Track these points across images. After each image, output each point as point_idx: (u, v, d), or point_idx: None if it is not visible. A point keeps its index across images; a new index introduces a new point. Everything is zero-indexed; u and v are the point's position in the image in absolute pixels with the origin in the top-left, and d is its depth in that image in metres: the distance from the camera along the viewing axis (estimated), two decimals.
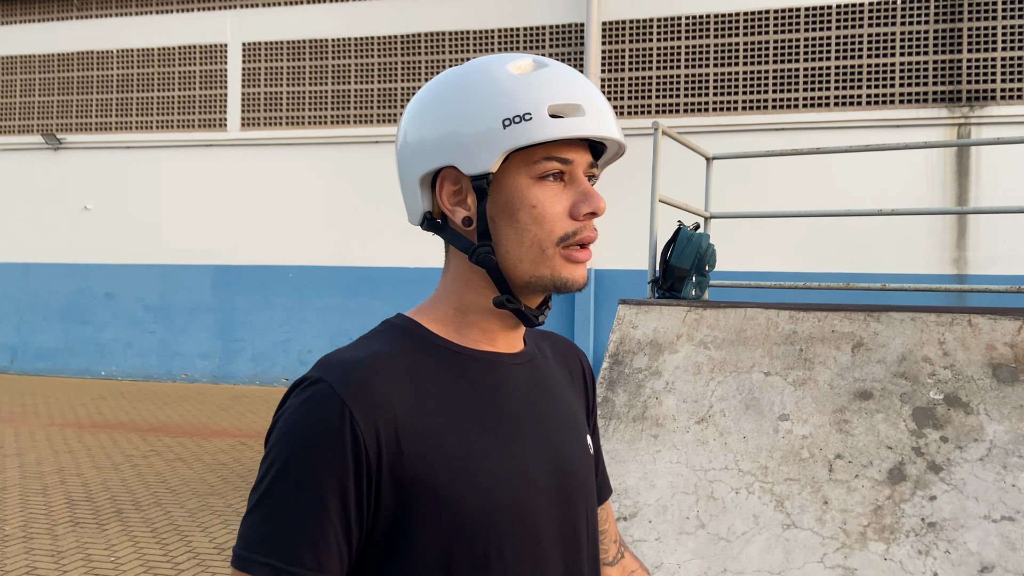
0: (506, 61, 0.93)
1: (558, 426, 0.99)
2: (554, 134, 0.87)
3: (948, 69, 8.88)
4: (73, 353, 11.95)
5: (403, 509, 0.85)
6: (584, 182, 0.93)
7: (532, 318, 0.96)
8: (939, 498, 3.12)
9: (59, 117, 12.17)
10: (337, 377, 0.85)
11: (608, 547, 1.17)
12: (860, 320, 3.72)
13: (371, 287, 10.73)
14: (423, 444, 0.86)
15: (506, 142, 0.88)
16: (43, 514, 5.16)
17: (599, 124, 0.90)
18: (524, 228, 0.91)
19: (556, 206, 0.91)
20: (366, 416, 0.83)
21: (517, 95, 0.89)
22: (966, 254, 8.81)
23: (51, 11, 12.30)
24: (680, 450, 3.62)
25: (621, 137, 0.93)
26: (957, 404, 3.35)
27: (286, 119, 11.23)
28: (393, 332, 0.94)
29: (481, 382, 0.93)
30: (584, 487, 1.00)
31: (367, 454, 0.83)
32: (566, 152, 0.91)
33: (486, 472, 0.88)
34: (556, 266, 0.92)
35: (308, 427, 0.83)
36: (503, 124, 0.88)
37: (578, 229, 0.92)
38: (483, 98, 0.90)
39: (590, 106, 0.90)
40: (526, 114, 0.88)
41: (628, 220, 9.58)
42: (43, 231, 12.12)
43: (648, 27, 9.87)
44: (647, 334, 4.11)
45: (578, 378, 1.12)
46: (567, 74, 0.92)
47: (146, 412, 9.06)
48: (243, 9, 11.45)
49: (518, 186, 0.91)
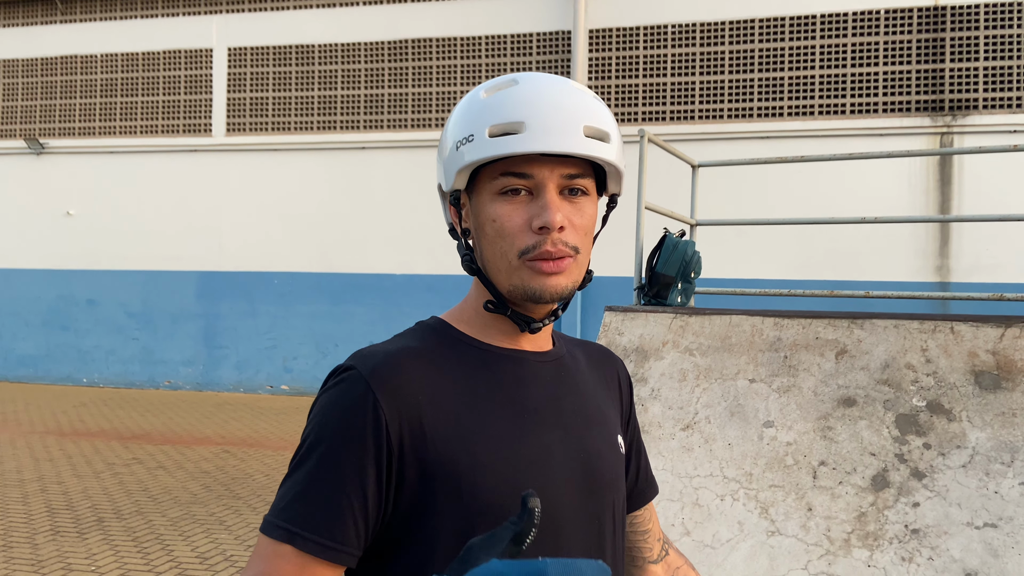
0: (487, 84, 0.99)
1: (584, 422, 1.01)
2: (489, 153, 0.92)
3: (931, 78, 8.97)
4: (55, 360, 11.83)
5: (425, 491, 0.90)
6: (546, 195, 0.93)
7: (522, 323, 0.99)
8: (922, 505, 3.13)
9: (42, 121, 12.07)
10: (366, 365, 0.92)
11: (652, 545, 1.20)
12: (844, 327, 3.73)
13: (357, 294, 10.69)
14: (445, 429, 0.91)
15: (457, 163, 0.96)
16: (23, 522, 5.10)
17: (542, 140, 0.91)
18: (491, 241, 0.96)
19: (515, 219, 0.94)
20: (389, 401, 0.89)
21: (468, 118, 0.96)
22: (949, 262, 8.88)
23: (35, 15, 12.21)
24: (665, 457, 3.62)
25: (572, 150, 0.92)
26: (940, 411, 3.37)
27: (272, 125, 11.19)
28: (423, 330, 1.01)
29: (504, 375, 0.98)
30: (610, 484, 1.02)
31: (389, 436, 0.88)
32: (524, 167, 0.93)
33: (506, 457, 0.92)
34: (524, 277, 0.95)
35: (335, 408, 0.91)
36: (456, 146, 0.96)
37: (537, 243, 0.93)
38: (452, 123, 0.99)
39: (536, 122, 0.91)
40: (469, 136, 0.94)
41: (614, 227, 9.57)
42: (25, 236, 12.00)
43: (635, 35, 9.91)
44: (633, 341, 4.11)
45: (613, 384, 1.14)
46: (525, 92, 0.94)
47: (128, 420, 8.97)
48: (229, 14, 11.41)
49: (482, 202, 0.96)
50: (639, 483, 1.19)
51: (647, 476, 1.21)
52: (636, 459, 1.18)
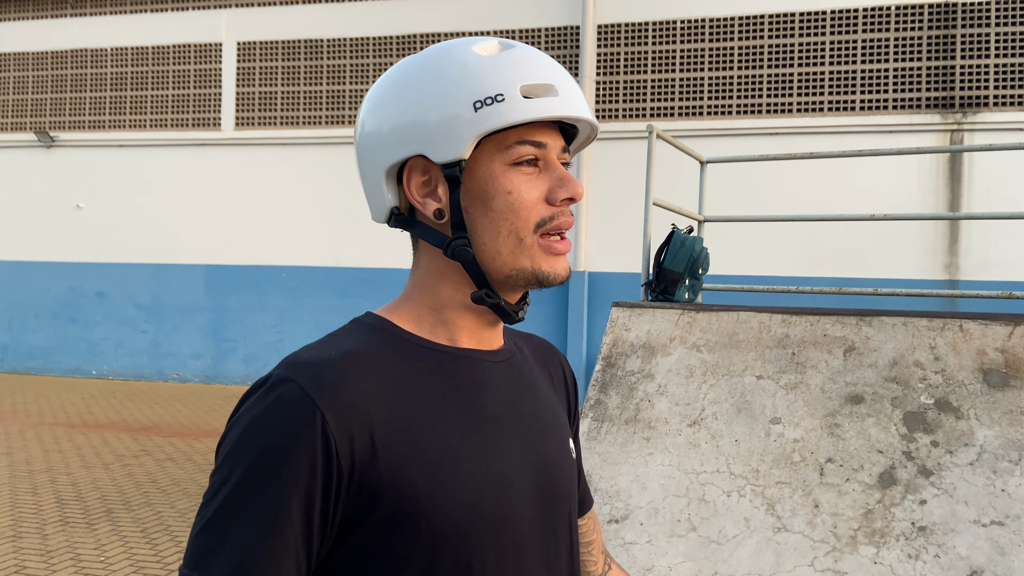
0: (470, 43, 0.88)
1: (541, 428, 0.94)
2: (529, 115, 0.83)
3: (941, 75, 8.93)
4: (64, 352, 11.90)
5: (379, 519, 0.79)
6: (559, 167, 0.89)
7: (512, 314, 0.91)
8: (929, 502, 3.13)
9: (52, 115, 12.12)
10: (307, 377, 0.78)
11: (597, 558, 1.13)
12: (852, 324, 3.73)
13: (364, 288, 10.72)
14: (401, 447, 0.80)
15: (478, 125, 0.83)
16: (33, 513, 5.14)
17: (573, 105, 0.86)
18: (500, 217, 0.86)
19: (532, 192, 0.87)
20: (339, 420, 0.77)
21: (486, 76, 0.84)
22: (958, 259, 8.85)
23: (45, 8, 12.26)
24: (672, 453, 3.62)
25: (594, 119, 0.91)
26: (948, 409, 3.36)
27: (281, 119, 11.21)
28: (364, 330, 0.88)
29: (460, 380, 0.88)
30: (566, 492, 0.95)
31: (339, 462, 0.76)
32: (539, 135, 0.87)
33: (468, 475, 0.83)
34: (536, 258, 0.87)
35: (274, 432, 0.76)
36: (474, 107, 0.83)
37: (555, 214, 0.87)
38: (450, 81, 0.85)
39: (563, 87, 0.86)
40: (498, 95, 0.83)
41: (622, 223, 9.60)
42: (35, 229, 12.06)
43: (643, 31, 9.89)
44: (640, 337, 4.12)
45: (559, 382, 1.06)
46: (537, 55, 0.88)
47: (137, 412, 9.03)
48: (238, 8, 11.43)
49: (492, 173, 0.86)
50: (579, 490, 1.08)
51: (585, 483, 1.11)
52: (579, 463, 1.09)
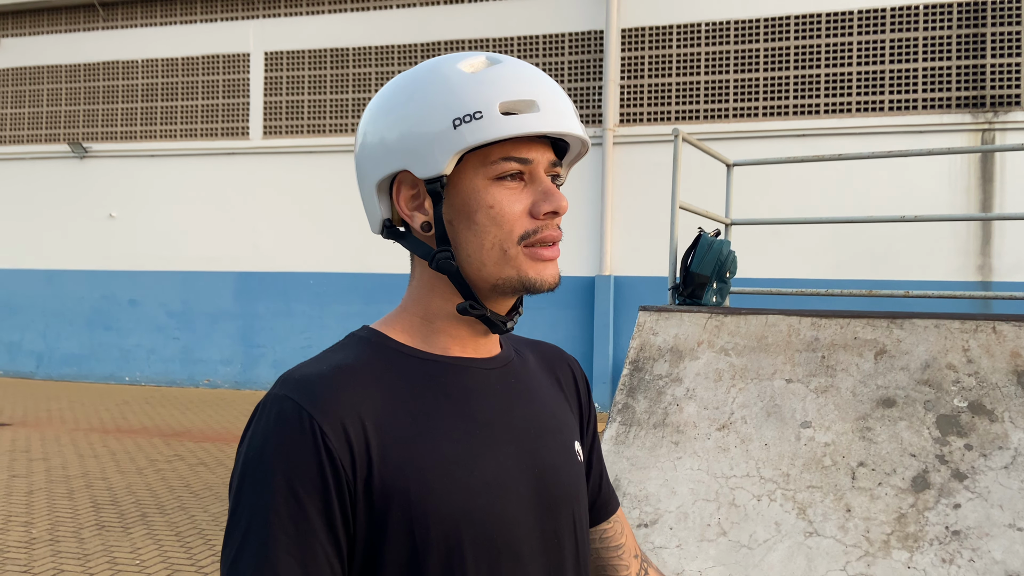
0: (457, 60, 0.89)
1: (538, 432, 0.94)
2: (506, 132, 0.83)
3: (972, 74, 8.81)
4: (98, 359, 12.10)
5: (376, 523, 0.81)
6: (545, 181, 0.89)
7: (499, 324, 0.91)
8: (963, 506, 3.09)
9: (85, 126, 12.36)
10: (302, 393, 0.82)
11: (628, 563, 1.11)
12: (883, 327, 3.70)
13: (390, 294, 10.79)
14: (394, 455, 0.82)
15: (457, 142, 0.84)
16: (69, 517, 5.24)
17: (556, 120, 0.86)
18: (483, 230, 0.87)
19: (515, 206, 0.87)
20: (336, 430, 0.80)
21: (467, 93, 0.85)
22: (990, 261, 8.72)
23: (77, 22, 12.50)
24: (701, 457, 3.61)
25: (581, 133, 0.89)
26: (981, 412, 3.32)
27: (307, 127, 11.34)
28: (357, 344, 0.91)
29: (451, 388, 0.89)
30: (568, 495, 0.94)
31: (343, 469, 0.79)
32: (524, 151, 0.87)
33: (460, 482, 0.84)
34: (522, 266, 0.87)
35: (279, 449, 0.79)
36: (453, 124, 0.84)
37: (539, 227, 0.87)
38: (433, 98, 0.86)
39: (546, 102, 0.86)
40: (476, 112, 0.84)
41: (647, 227, 9.58)
42: (69, 238, 12.29)
43: (668, 34, 9.87)
44: (668, 341, 4.11)
45: (569, 386, 1.06)
46: (521, 70, 0.88)
47: (169, 417, 9.16)
48: (265, 19, 11.58)
49: (475, 187, 0.87)
50: (601, 494, 1.09)
51: (608, 486, 1.11)
52: (597, 466, 1.09)
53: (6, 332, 12.56)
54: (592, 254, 9.97)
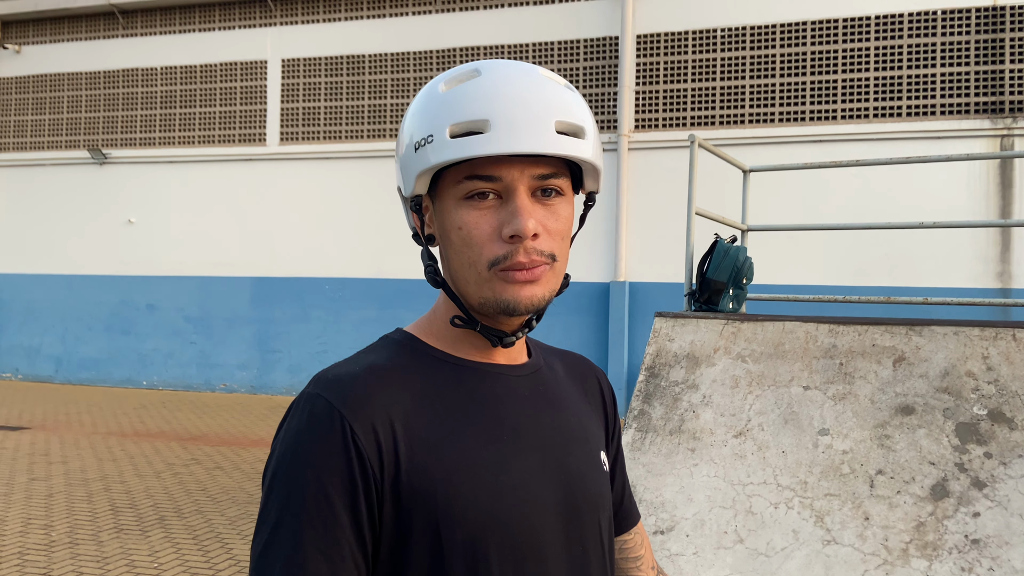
0: (444, 77, 0.88)
1: (565, 440, 0.94)
2: (449, 156, 0.83)
3: (990, 80, 8.75)
4: (116, 363, 12.20)
5: (401, 524, 0.82)
6: (516, 200, 0.84)
7: (495, 338, 0.91)
8: (983, 515, 3.07)
9: (104, 132, 12.49)
10: (334, 392, 0.84)
11: (647, 574, 1.11)
12: (901, 334, 3.68)
13: (406, 299, 10.82)
14: (422, 457, 0.83)
15: (416, 166, 0.86)
16: (88, 520, 5.28)
17: (508, 141, 0.82)
18: (458, 250, 0.87)
19: (483, 227, 0.85)
20: (366, 430, 0.81)
21: (426, 116, 0.86)
22: (1010, 267, 8.64)
23: (97, 29, 12.65)
24: (718, 464, 3.60)
25: (544, 149, 0.83)
26: (1001, 420, 3.29)
27: (324, 134, 11.40)
28: (390, 346, 0.93)
29: (480, 393, 0.90)
30: (594, 503, 0.95)
31: (372, 469, 0.81)
32: (492, 169, 0.84)
33: (487, 486, 0.85)
34: (496, 288, 0.86)
35: (311, 447, 0.81)
36: (415, 147, 0.86)
37: (508, 253, 0.85)
38: (409, 120, 0.89)
39: (502, 121, 0.82)
40: (428, 136, 0.85)
41: (662, 233, 9.56)
42: (88, 244, 12.42)
43: (683, 39, 9.87)
44: (684, 347, 4.10)
45: (595, 396, 1.07)
46: (489, 85, 0.84)
47: (186, 421, 9.22)
48: (282, 26, 11.67)
49: (447, 208, 0.87)
50: (623, 505, 1.10)
51: (630, 498, 1.12)
52: (620, 478, 1.10)
53: (26, 336, 12.69)
54: (607, 260, 9.96)
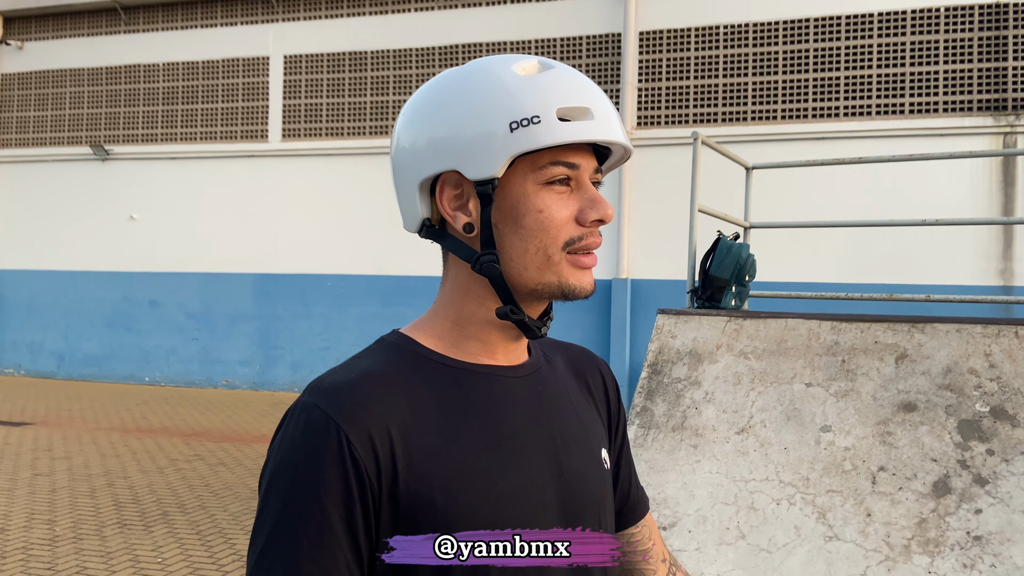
0: (511, 62, 0.89)
1: (564, 441, 0.94)
2: (564, 138, 0.84)
3: (993, 77, 8.74)
4: (118, 359, 12.22)
5: (400, 532, 0.82)
6: (590, 188, 0.90)
7: (535, 329, 0.92)
8: (985, 511, 3.07)
9: (107, 129, 12.50)
10: (329, 401, 0.82)
11: (656, 567, 1.10)
12: (904, 331, 3.68)
13: (408, 296, 10.83)
14: (420, 465, 0.83)
15: (513, 146, 0.84)
16: (92, 516, 5.30)
17: (608, 129, 0.87)
18: (530, 234, 0.87)
19: (563, 211, 0.88)
20: (362, 439, 0.81)
21: (524, 97, 0.85)
22: (1012, 265, 8.64)
23: (99, 26, 12.65)
24: (720, 460, 3.61)
25: (628, 142, 0.91)
26: (1004, 417, 3.30)
27: (326, 130, 11.41)
28: (386, 349, 0.91)
29: (479, 397, 0.89)
30: (594, 504, 0.94)
31: (368, 479, 0.80)
32: (573, 157, 0.88)
33: (486, 493, 0.84)
34: (563, 272, 0.88)
35: (306, 457, 0.81)
36: (510, 127, 0.84)
37: (584, 234, 0.89)
38: (487, 100, 0.86)
39: (599, 110, 0.87)
40: (534, 117, 0.84)
41: (665, 230, 9.56)
42: (90, 240, 12.43)
43: (686, 36, 9.86)
44: (686, 344, 4.11)
45: (598, 390, 1.06)
46: (575, 77, 0.89)
47: (189, 417, 9.23)
48: (284, 23, 11.67)
49: (524, 191, 0.87)
50: (630, 498, 1.09)
51: (637, 490, 1.11)
52: (626, 470, 1.09)
53: (28, 332, 12.71)
54: (609, 257, 9.96)
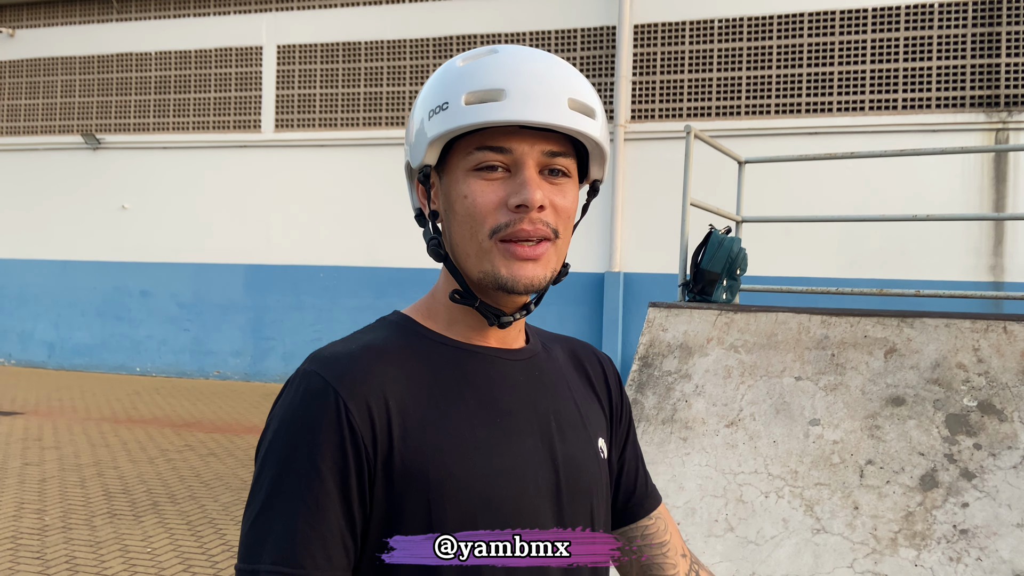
0: (463, 55, 0.90)
1: (559, 425, 0.94)
2: (464, 121, 0.84)
3: (986, 73, 8.76)
4: (109, 349, 12.19)
5: (393, 503, 0.83)
6: (525, 172, 0.86)
7: (492, 317, 0.91)
8: (971, 505, 3.09)
9: (98, 117, 12.42)
10: (329, 369, 0.84)
11: (676, 561, 1.08)
12: (893, 326, 3.70)
13: (401, 288, 10.82)
14: (415, 437, 0.83)
15: (428, 133, 0.87)
16: (81, 505, 5.29)
17: (522, 109, 0.83)
18: (462, 221, 0.87)
19: (489, 196, 0.86)
20: (360, 408, 0.82)
21: (442, 86, 0.88)
22: (1003, 261, 8.68)
23: (91, 14, 12.57)
24: (709, 453, 3.63)
25: (558, 121, 0.84)
26: (991, 411, 3.32)
27: (319, 121, 11.37)
28: (386, 326, 0.93)
29: (475, 375, 0.90)
30: (587, 489, 0.94)
31: (365, 446, 0.81)
32: (504, 141, 0.85)
33: (479, 468, 0.85)
34: (496, 262, 0.86)
35: (305, 422, 0.82)
36: (429, 115, 0.87)
37: (511, 220, 0.85)
38: (425, 92, 0.90)
39: (519, 91, 0.84)
40: (444, 103, 0.86)
41: (657, 223, 9.57)
42: (82, 229, 12.37)
43: (680, 30, 9.85)
44: (677, 337, 4.12)
45: (598, 380, 1.06)
46: (509, 60, 0.86)
47: (179, 408, 9.22)
48: (278, 12, 11.61)
49: (455, 178, 0.88)
50: (637, 491, 1.08)
51: (646, 482, 1.10)
52: (633, 463, 1.09)
53: (19, 321, 12.66)
54: (602, 250, 9.97)
